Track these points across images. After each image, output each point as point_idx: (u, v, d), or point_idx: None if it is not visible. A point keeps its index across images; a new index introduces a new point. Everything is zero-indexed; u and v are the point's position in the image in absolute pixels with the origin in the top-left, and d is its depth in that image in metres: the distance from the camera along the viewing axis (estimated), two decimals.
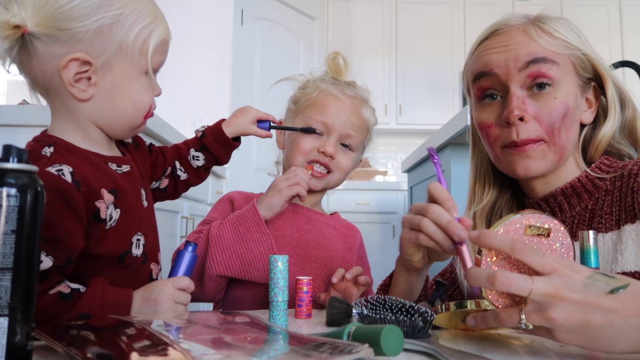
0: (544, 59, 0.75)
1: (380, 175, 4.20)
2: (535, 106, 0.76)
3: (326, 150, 0.97)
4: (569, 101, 0.76)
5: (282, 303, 0.71)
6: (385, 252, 3.45)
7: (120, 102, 0.70)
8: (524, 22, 0.80)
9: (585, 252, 0.64)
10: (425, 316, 0.58)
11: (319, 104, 0.98)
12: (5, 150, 0.43)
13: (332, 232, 1.04)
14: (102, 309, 0.64)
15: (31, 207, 0.43)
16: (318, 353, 0.43)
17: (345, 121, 0.98)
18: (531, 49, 0.76)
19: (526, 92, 0.77)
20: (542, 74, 0.75)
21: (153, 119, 1.61)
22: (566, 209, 0.81)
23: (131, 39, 0.68)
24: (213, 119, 1.00)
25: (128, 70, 0.69)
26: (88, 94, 0.68)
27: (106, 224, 0.68)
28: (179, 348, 0.41)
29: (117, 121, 0.72)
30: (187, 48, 3.15)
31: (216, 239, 0.88)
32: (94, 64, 0.66)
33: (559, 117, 0.75)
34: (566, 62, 0.77)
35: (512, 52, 0.77)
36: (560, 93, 0.75)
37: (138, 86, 0.71)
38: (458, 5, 4.21)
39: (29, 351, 0.43)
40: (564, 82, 0.76)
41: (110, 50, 0.67)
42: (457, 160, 1.81)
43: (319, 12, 3.85)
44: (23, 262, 0.42)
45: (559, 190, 0.80)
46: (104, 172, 0.70)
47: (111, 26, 0.66)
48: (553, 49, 0.76)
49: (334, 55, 1.04)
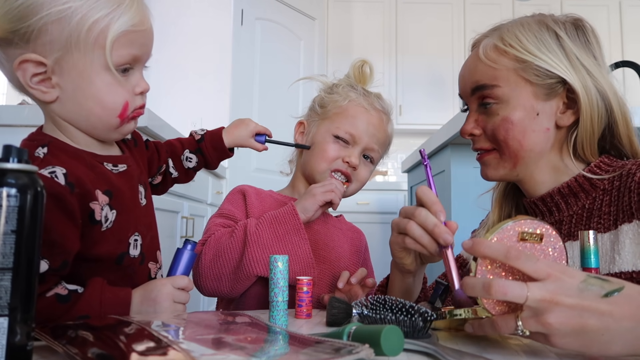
0: (484, 85, 0.82)
1: (380, 175, 4.20)
2: (484, 121, 0.84)
3: (351, 161, 0.99)
4: (515, 115, 0.80)
5: (282, 303, 0.71)
6: (385, 252, 3.43)
7: (85, 103, 0.66)
8: (483, 41, 0.84)
9: (585, 252, 0.64)
10: (425, 316, 0.58)
11: (350, 115, 1.00)
12: (5, 150, 0.43)
13: (339, 235, 1.04)
14: (101, 309, 0.64)
15: (31, 207, 0.43)
16: (318, 353, 0.43)
17: (372, 135, 1.01)
18: (475, 76, 0.84)
19: (479, 108, 0.85)
20: (484, 96, 0.82)
21: (153, 119, 1.61)
22: (563, 208, 0.82)
23: (83, 33, 0.62)
24: (213, 119, 1.01)
25: (86, 67, 0.64)
26: (51, 95, 0.65)
27: (102, 226, 0.68)
28: (179, 348, 0.41)
29: (88, 122, 0.68)
30: (187, 48, 3.15)
31: (255, 237, 0.87)
32: (47, 64, 0.63)
33: (501, 131, 0.81)
34: (513, 78, 0.80)
35: (465, 78, 0.87)
36: (504, 109, 0.81)
37: (101, 84, 0.66)
38: (458, 5, 4.21)
39: (29, 351, 0.43)
40: (511, 97, 0.80)
41: (59, 48, 0.63)
42: (457, 160, 1.81)
43: (319, 12, 3.85)
44: (23, 262, 0.42)
45: (555, 190, 0.82)
46: (98, 173, 0.69)
47: (57, 22, 0.62)
48: (497, 67, 0.80)
49: (362, 64, 1.06)
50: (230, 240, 0.89)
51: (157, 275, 0.81)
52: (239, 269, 0.87)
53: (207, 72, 3.13)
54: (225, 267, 0.88)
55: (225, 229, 0.93)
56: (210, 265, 0.89)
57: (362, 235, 1.11)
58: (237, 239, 0.89)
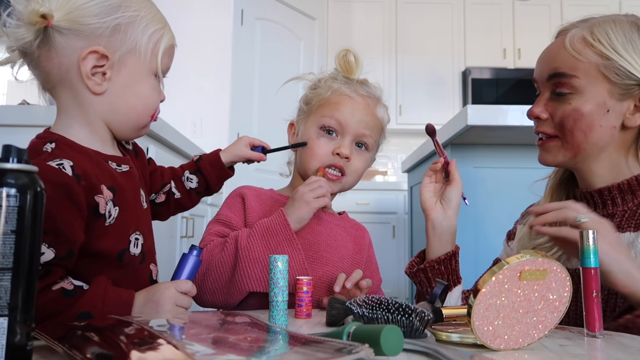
0: (563, 74, 0.84)
1: (380, 175, 4.20)
2: (554, 108, 0.87)
3: (341, 152, 0.96)
4: (586, 107, 0.83)
5: (282, 303, 0.71)
6: (385, 252, 3.45)
7: (130, 99, 0.73)
8: (572, 30, 0.86)
9: (585, 252, 0.65)
10: (422, 316, 0.58)
11: (333, 103, 0.97)
12: (5, 151, 0.43)
13: (342, 233, 1.02)
14: (104, 308, 0.64)
15: (31, 207, 0.43)
16: (318, 353, 0.43)
17: (359, 121, 0.97)
18: (555, 63, 0.86)
19: (551, 95, 0.87)
20: (560, 85, 0.85)
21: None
22: (619, 203, 0.85)
23: (145, 39, 0.72)
24: (213, 119, 1.01)
25: (140, 69, 0.73)
26: (102, 87, 0.71)
27: (105, 220, 0.69)
28: (179, 348, 0.41)
29: (126, 117, 0.75)
30: (187, 48, 3.15)
31: (246, 252, 0.85)
32: (111, 59, 0.70)
33: (570, 120, 0.84)
34: (593, 72, 0.82)
35: (544, 63, 0.89)
36: (576, 100, 0.83)
37: (148, 85, 0.75)
38: (458, 5, 4.21)
39: (29, 351, 0.43)
40: (585, 90, 0.83)
41: (125, 48, 0.71)
42: (457, 160, 1.80)
43: (319, 12, 3.85)
44: (23, 262, 0.42)
45: (615, 185, 0.85)
46: (103, 169, 0.71)
47: (128, 25, 0.71)
48: (580, 58, 0.83)
49: (345, 53, 1.03)
50: (222, 255, 0.88)
51: (158, 278, 0.81)
52: (231, 283, 0.86)
53: (207, 72, 3.13)
54: (219, 281, 0.87)
55: (219, 240, 0.91)
56: (204, 278, 0.87)
57: (366, 232, 1.09)
58: (229, 253, 0.87)
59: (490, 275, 0.55)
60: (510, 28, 4.18)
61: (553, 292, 0.58)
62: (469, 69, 4.08)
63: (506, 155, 1.72)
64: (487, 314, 0.55)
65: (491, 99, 4.03)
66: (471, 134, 1.62)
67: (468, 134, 1.63)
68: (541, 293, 0.58)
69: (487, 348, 0.56)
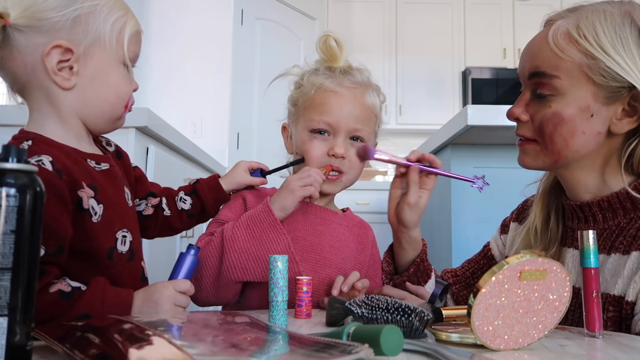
0: (543, 73, 0.77)
1: (380, 175, 4.20)
2: (534, 109, 0.80)
3: (336, 153, 0.93)
4: (567, 111, 0.75)
5: (282, 303, 0.70)
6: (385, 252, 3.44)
7: (101, 90, 0.72)
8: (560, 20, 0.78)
9: (585, 252, 0.65)
10: (422, 316, 0.58)
11: (318, 103, 0.94)
12: (4, 150, 0.43)
13: (345, 232, 1.00)
14: (103, 308, 0.64)
15: (30, 207, 0.43)
16: (318, 353, 0.43)
17: (349, 115, 0.94)
18: (535, 60, 0.78)
19: (532, 94, 0.80)
20: (540, 86, 0.78)
21: (153, 118, 1.61)
22: (599, 220, 0.79)
23: (108, 28, 0.71)
24: (213, 119, 1.01)
25: (107, 59, 0.72)
26: (71, 82, 0.70)
27: (91, 217, 0.68)
28: (179, 348, 0.41)
29: (99, 110, 0.73)
30: (187, 48, 3.16)
31: (231, 242, 0.85)
32: (75, 52, 0.68)
33: (549, 125, 0.77)
34: (576, 73, 0.74)
35: (526, 59, 0.81)
36: (558, 102, 0.76)
37: (118, 75, 0.73)
38: (458, 5, 4.21)
39: (29, 351, 0.43)
40: (567, 92, 0.75)
41: (89, 39, 0.69)
42: (457, 160, 1.80)
43: (319, 12, 3.85)
44: (23, 262, 0.42)
45: (595, 202, 0.79)
46: (82, 167, 0.71)
47: (88, 15, 0.69)
48: (562, 56, 0.75)
49: (325, 38, 0.98)
50: (209, 249, 0.87)
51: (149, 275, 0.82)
52: (219, 276, 0.85)
53: (207, 72, 3.13)
54: (209, 276, 0.86)
55: (209, 237, 0.90)
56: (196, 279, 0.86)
57: (369, 230, 1.07)
58: (216, 246, 0.87)
59: (490, 275, 0.55)
60: (510, 28, 4.18)
61: (553, 292, 0.58)
62: (469, 69, 4.08)
63: (506, 155, 1.72)
64: (487, 314, 0.55)
65: (491, 99, 4.03)
66: (471, 134, 1.62)
67: (468, 134, 1.63)
68: (541, 293, 0.58)
69: (487, 348, 0.56)
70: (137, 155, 1.55)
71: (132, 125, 1.51)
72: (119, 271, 0.73)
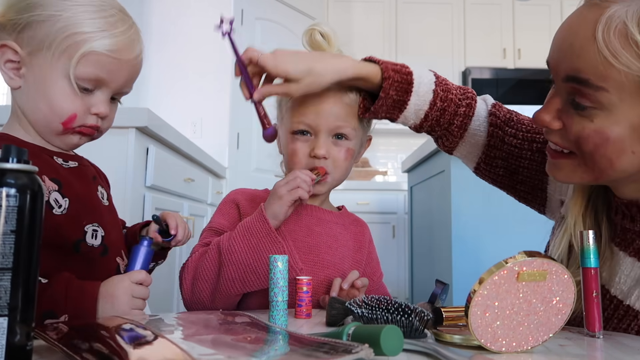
0: (586, 82, 0.60)
1: (380, 175, 4.20)
2: (570, 118, 0.65)
3: (317, 154, 0.91)
4: (615, 131, 0.60)
5: (282, 303, 0.71)
6: (385, 252, 3.45)
7: (37, 98, 0.72)
8: (615, 6, 0.58)
9: (585, 252, 0.64)
10: (422, 316, 0.58)
11: (298, 105, 0.92)
12: (4, 150, 0.43)
13: (342, 232, 0.99)
14: (67, 302, 0.64)
15: (30, 207, 0.43)
16: (318, 353, 0.43)
17: (329, 115, 0.91)
18: (577, 62, 0.60)
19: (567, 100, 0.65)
20: (580, 95, 0.62)
21: (153, 118, 1.61)
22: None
23: (59, 39, 0.69)
24: (213, 119, 0.99)
25: (50, 69, 0.71)
26: (15, 82, 0.72)
27: (52, 209, 0.69)
28: (180, 348, 0.41)
29: (34, 117, 0.73)
30: (187, 48, 3.16)
31: (229, 256, 0.83)
32: (21, 54, 0.70)
33: (590, 143, 0.63)
34: (630, 87, 0.58)
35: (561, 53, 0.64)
36: (603, 119, 0.61)
37: (57, 89, 0.71)
38: (458, 5, 4.21)
39: (29, 351, 0.43)
40: (615, 109, 0.60)
41: (34, 44, 0.70)
42: (457, 160, 1.80)
43: (319, 12, 3.85)
44: (23, 262, 0.42)
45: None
46: (45, 162, 0.72)
47: (42, 23, 0.69)
48: (614, 63, 0.57)
49: (311, 32, 0.95)
50: (205, 262, 0.85)
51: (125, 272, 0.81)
52: (217, 289, 0.84)
53: (207, 72, 3.13)
54: (203, 290, 0.85)
55: (203, 249, 0.88)
56: (192, 292, 0.85)
57: (366, 227, 1.06)
58: (212, 259, 0.85)
59: (487, 276, 0.54)
60: (510, 28, 4.18)
61: (555, 293, 0.57)
62: (469, 69, 4.08)
63: None
64: (485, 316, 0.55)
65: None
66: None
67: None
68: (542, 295, 0.56)
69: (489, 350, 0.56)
70: (137, 155, 1.55)
71: (132, 125, 1.52)
72: (89, 264, 0.73)
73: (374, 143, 1.08)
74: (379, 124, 1.06)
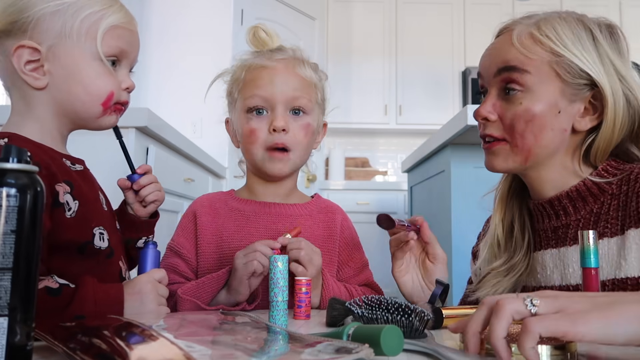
0: (513, 67, 0.78)
1: (380, 175, 4.20)
2: (503, 108, 0.80)
3: (276, 126, 0.88)
4: (538, 108, 0.77)
5: (282, 303, 0.71)
6: (385, 251, 3.44)
7: (72, 88, 0.71)
8: (519, 25, 0.81)
9: (585, 252, 0.64)
10: (422, 316, 0.58)
11: (250, 80, 0.91)
12: (5, 150, 0.43)
13: (308, 222, 0.96)
14: (96, 308, 0.64)
15: (31, 207, 0.43)
16: (318, 353, 0.43)
17: (283, 85, 0.89)
18: (505, 56, 0.79)
19: (499, 94, 0.81)
20: (510, 81, 0.78)
21: (153, 118, 1.61)
22: (571, 212, 0.80)
23: (77, 24, 0.69)
24: (213, 119, 0.99)
25: (78, 55, 0.70)
26: (42, 81, 0.70)
27: (65, 212, 0.69)
28: (179, 348, 0.41)
29: (72, 108, 0.73)
30: (187, 48, 3.15)
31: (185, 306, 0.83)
32: (41, 50, 0.69)
33: (520, 121, 0.78)
34: (544, 69, 0.77)
35: (492, 57, 0.82)
36: (528, 99, 0.77)
37: (90, 71, 0.71)
38: (458, 5, 4.21)
39: (29, 351, 0.43)
40: (536, 89, 0.77)
41: (53, 37, 0.69)
42: (457, 160, 1.81)
43: (319, 12, 3.85)
44: (23, 262, 0.42)
45: (563, 194, 0.80)
46: (58, 165, 0.71)
47: (54, 14, 0.69)
48: (530, 55, 0.77)
49: (254, 30, 0.94)
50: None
51: (127, 276, 0.81)
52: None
53: (208, 72, 3.12)
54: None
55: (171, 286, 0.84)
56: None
57: (338, 212, 1.01)
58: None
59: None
60: None
61: None
62: (468, 69, 4.08)
63: None
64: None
65: None
66: (471, 134, 1.63)
67: (468, 134, 1.63)
68: None
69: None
70: (137, 155, 1.55)
71: (132, 125, 1.52)
72: (94, 266, 0.73)
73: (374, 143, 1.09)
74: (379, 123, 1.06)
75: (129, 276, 0.82)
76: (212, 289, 0.85)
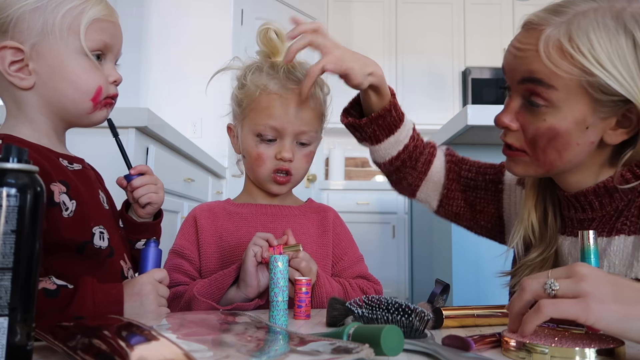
0: (539, 81, 0.71)
1: (380, 175, 4.20)
2: (526, 119, 0.75)
3: (283, 157, 0.94)
4: (563, 125, 0.71)
5: (282, 303, 0.71)
6: (385, 252, 3.45)
7: (59, 85, 0.71)
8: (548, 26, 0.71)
9: (585, 252, 0.64)
10: (422, 316, 0.58)
11: (264, 107, 0.94)
12: (5, 150, 0.43)
13: (303, 221, 1.01)
14: (95, 309, 0.64)
15: (31, 207, 0.43)
16: (318, 353, 0.43)
17: (295, 119, 0.94)
18: (530, 65, 0.72)
19: (523, 102, 0.76)
20: (535, 94, 0.72)
21: (153, 118, 1.61)
22: (597, 207, 0.78)
23: (58, 20, 0.69)
24: (213, 119, 1.00)
25: (62, 52, 0.70)
26: (29, 81, 0.70)
27: (62, 211, 0.68)
28: (179, 348, 0.41)
29: (61, 106, 0.72)
30: (187, 48, 3.15)
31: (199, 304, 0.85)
32: (24, 50, 0.68)
33: (543, 139, 0.73)
34: (572, 87, 0.69)
35: (517, 61, 0.75)
36: (553, 115, 0.72)
37: (76, 67, 0.71)
38: (458, 5, 4.21)
39: (29, 351, 0.43)
40: (563, 106, 0.71)
41: (35, 35, 0.68)
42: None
43: (319, 12, 3.85)
44: (23, 262, 0.42)
45: (590, 189, 0.77)
46: (53, 164, 0.71)
47: (33, 12, 0.68)
48: (557, 71, 0.69)
49: (266, 31, 0.96)
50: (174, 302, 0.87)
51: (129, 275, 0.81)
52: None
53: (207, 72, 3.12)
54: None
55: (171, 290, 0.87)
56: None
57: (330, 211, 1.06)
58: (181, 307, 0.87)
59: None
60: (510, 28, 4.18)
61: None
62: (469, 69, 4.08)
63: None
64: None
65: (491, 99, 4.03)
66: (471, 134, 1.62)
67: (468, 134, 1.63)
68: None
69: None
70: (137, 155, 1.55)
71: (132, 125, 1.52)
72: (95, 266, 0.72)
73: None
74: None
75: (131, 275, 0.82)
76: (224, 285, 0.87)
